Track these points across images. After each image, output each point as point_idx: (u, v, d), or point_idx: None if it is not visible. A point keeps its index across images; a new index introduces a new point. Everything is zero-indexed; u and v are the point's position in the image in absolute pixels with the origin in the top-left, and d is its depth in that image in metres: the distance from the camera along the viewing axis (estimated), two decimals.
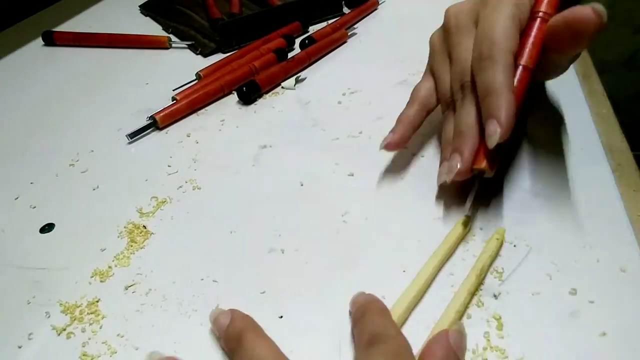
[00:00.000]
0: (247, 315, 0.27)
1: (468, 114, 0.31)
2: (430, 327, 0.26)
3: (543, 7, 0.31)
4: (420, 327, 0.26)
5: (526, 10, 0.32)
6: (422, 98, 0.37)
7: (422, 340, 0.25)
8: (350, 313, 0.27)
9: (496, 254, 0.29)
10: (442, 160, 0.33)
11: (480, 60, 0.30)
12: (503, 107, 0.28)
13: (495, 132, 0.28)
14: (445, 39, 0.36)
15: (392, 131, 0.35)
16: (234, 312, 0.27)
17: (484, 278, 0.28)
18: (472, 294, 0.27)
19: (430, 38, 0.38)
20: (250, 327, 0.26)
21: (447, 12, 0.35)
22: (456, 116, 0.33)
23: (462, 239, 0.30)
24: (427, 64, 0.39)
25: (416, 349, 0.24)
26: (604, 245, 0.29)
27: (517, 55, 0.30)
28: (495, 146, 0.28)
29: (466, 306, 0.27)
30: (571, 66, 0.44)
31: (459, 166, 0.30)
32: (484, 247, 0.30)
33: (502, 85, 0.29)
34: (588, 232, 0.30)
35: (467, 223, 0.31)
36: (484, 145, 0.29)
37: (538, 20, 0.31)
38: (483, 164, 0.29)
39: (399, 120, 0.36)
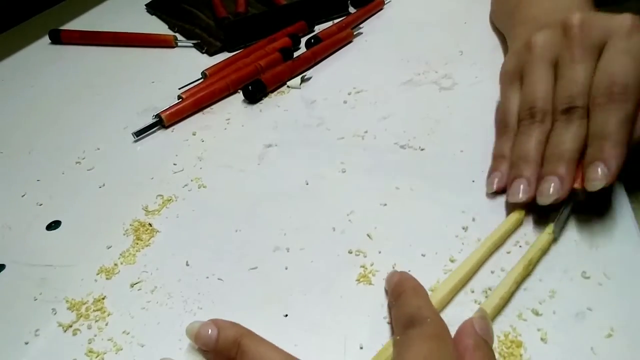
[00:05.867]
0: (234, 322, 0.25)
1: (571, 140, 0.30)
2: (473, 311, 0.26)
3: None
4: (463, 311, 0.27)
5: None
6: (514, 124, 0.33)
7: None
8: (387, 292, 0.27)
9: (547, 249, 0.29)
10: (519, 177, 0.31)
11: (607, 99, 0.29)
12: (615, 156, 0.28)
13: (603, 179, 0.28)
14: (557, 44, 0.32)
15: (495, 169, 0.33)
16: (218, 322, 0.25)
17: (532, 270, 0.28)
18: (518, 284, 0.27)
19: (534, 38, 0.33)
20: (245, 332, 0.25)
21: (572, 17, 0.31)
22: (556, 138, 0.30)
23: (512, 232, 0.31)
24: (513, 64, 0.35)
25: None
26: (610, 247, 0.29)
27: None
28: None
29: (511, 294, 0.27)
30: None
31: (558, 191, 0.29)
32: (535, 240, 0.30)
33: (622, 136, 0.28)
34: (594, 233, 0.30)
35: (521, 219, 0.31)
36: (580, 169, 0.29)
37: None
38: (579, 185, 0.29)
39: (500, 157, 0.33)
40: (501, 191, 0.33)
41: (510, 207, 0.32)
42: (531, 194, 0.30)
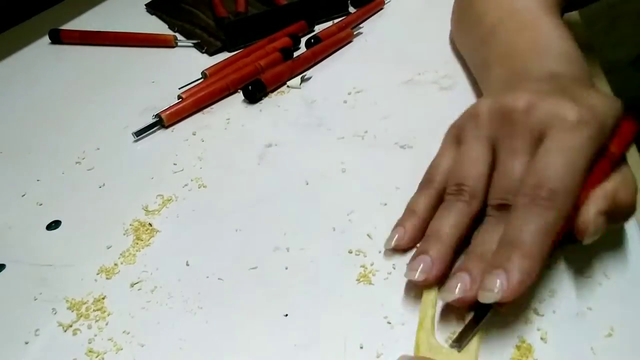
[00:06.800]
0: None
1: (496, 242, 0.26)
2: None
3: (613, 147, 0.27)
4: None
5: (601, 143, 0.26)
6: (439, 183, 0.30)
7: None
8: None
9: None
10: (424, 252, 0.27)
11: (529, 200, 0.25)
12: (522, 270, 0.24)
13: (498, 292, 0.24)
14: (496, 125, 0.29)
15: (401, 224, 0.30)
16: None
17: None
18: None
19: (477, 109, 0.30)
20: None
21: (518, 99, 0.28)
22: (484, 234, 0.27)
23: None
24: (455, 125, 0.32)
25: None
26: (610, 247, 0.29)
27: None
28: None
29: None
30: None
31: (465, 291, 0.25)
32: None
33: (538, 249, 0.24)
34: None
35: None
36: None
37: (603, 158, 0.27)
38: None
39: (410, 211, 0.30)
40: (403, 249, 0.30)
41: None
42: (429, 276, 0.26)
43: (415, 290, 0.28)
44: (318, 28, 0.58)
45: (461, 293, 0.25)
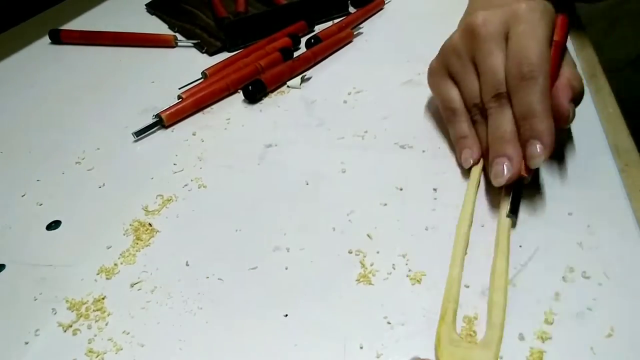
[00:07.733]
0: None
1: (508, 122, 0.32)
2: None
3: (556, 37, 0.34)
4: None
5: (552, 21, 0.33)
6: (462, 108, 0.36)
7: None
8: None
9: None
10: (501, 155, 0.32)
11: (520, 80, 0.31)
12: (547, 130, 0.30)
13: (541, 154, 0.30)
14: (468, 44, 0.35)
15: (463, 146, 0.35)
16: None
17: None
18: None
19: (450, 40, 0.37)
20: None
21: (475, 17, 0.34)
22: (493, 123, 0.33)
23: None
24: (438, 62, 0.38)
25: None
26: (610, 246, 0.29)
27: None
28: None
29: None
30: (578, 65, 0.44)
31: (510, 171, 0.31)
32: (498, 227, 0.31)
33: (545, 109, 0.30)
34: (594, 233, 0.30)
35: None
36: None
37: (552, 47, 0.33)
38: (524, 171, 0.31)
39: (462, 138, 0.36)
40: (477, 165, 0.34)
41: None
42: (515, 170, 0.31)
43: (415, 290, 0.28)
44: (318, 28, 0.58)
45: (509, 174, 0.31)
